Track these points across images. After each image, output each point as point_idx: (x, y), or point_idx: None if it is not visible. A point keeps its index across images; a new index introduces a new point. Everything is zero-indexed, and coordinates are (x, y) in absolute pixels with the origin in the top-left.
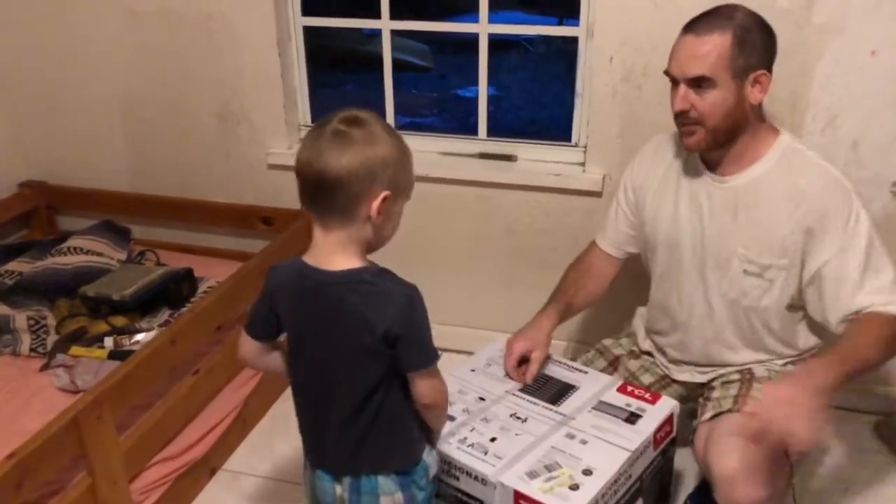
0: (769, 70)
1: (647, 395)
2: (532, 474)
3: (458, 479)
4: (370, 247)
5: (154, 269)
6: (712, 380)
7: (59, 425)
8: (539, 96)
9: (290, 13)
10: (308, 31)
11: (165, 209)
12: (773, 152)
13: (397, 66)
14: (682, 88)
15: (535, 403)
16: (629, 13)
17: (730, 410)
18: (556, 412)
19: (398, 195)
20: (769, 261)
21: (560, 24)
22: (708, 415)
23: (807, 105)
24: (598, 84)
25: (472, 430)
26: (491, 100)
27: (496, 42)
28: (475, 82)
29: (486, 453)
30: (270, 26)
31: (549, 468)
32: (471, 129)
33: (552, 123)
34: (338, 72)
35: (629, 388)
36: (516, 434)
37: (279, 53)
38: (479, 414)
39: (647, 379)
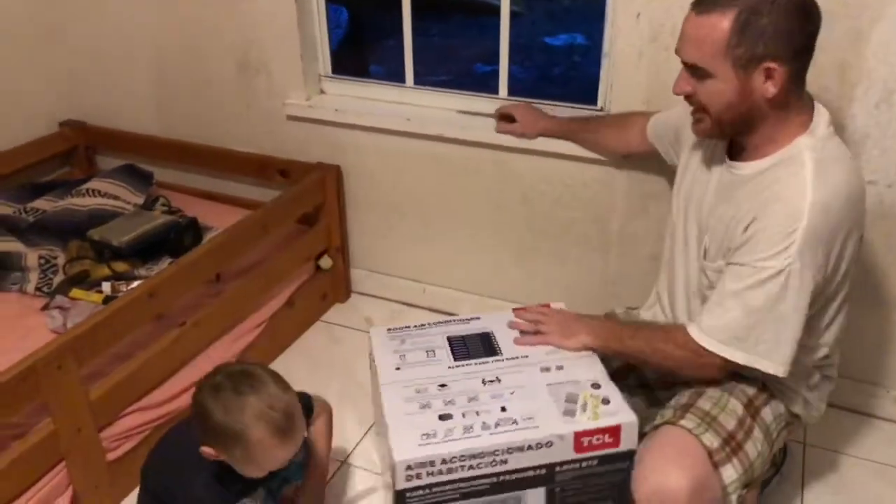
0: (791, 60)
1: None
2: (569, 413)
3: (506, 462)
4: None
5: (159, 217)
6: None
7: (13, 373)
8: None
9: None
10: None
11: (191, 155)
12: (782, 153)
13: (487, 9)
14: (683, 71)
15: (484, 363)
16: None
17: (666, 422)
18: (507, 360)
19: (225, 454)
20: (711, 263)
21: None
22: (651, 425)
23: (858, 77)
24: (623, 44)
25: (477, 414)
26: (576, 49)
27: None
28: (567, 29)
29: (515, 423)
30: None
31: (570, 400)
32: (553, 81)
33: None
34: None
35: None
36: (511, 393)
37: (295, 0)
38: (461, 398)
39: None
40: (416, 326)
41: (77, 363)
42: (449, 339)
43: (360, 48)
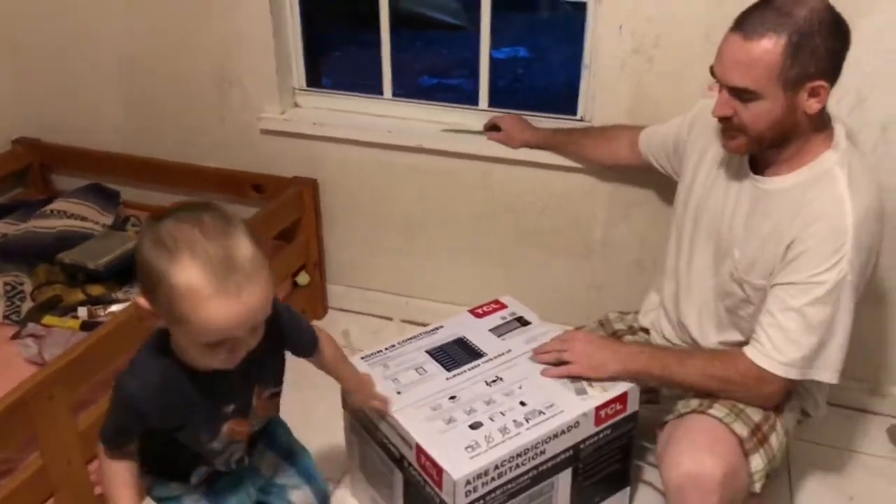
0: (832, 77)
1: (495, 305)
2: (580, 392)
3: (544, 452)
4: None
5: (133, 237)
6: None
7: (3, 405)
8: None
9: None
10: None
11: (157, 172)
12: (811, 167)
13: (430, 24)
14: (724, 94)
15: (476, 366)
16: None
17: (693, 411)
18: (494, 358)
19: (160, 316)
20: (750, 278)
21: None
22: (674, 413)
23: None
24: (605, 55)
25: (503, 415)
26: (520, 62)
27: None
28: (509, 42)
29: (542, 413)
30: None
31: (573, 380)
32: (499, 92)
33: (562, 94)
34: (361, 30)
35: (480, 311)
36: (519, 388)
37: (271, 13)
38: (478, 404)
39: None
40: (387, 349)
41: (67, 393)
42: (428, 352)
43: (312, 61)
